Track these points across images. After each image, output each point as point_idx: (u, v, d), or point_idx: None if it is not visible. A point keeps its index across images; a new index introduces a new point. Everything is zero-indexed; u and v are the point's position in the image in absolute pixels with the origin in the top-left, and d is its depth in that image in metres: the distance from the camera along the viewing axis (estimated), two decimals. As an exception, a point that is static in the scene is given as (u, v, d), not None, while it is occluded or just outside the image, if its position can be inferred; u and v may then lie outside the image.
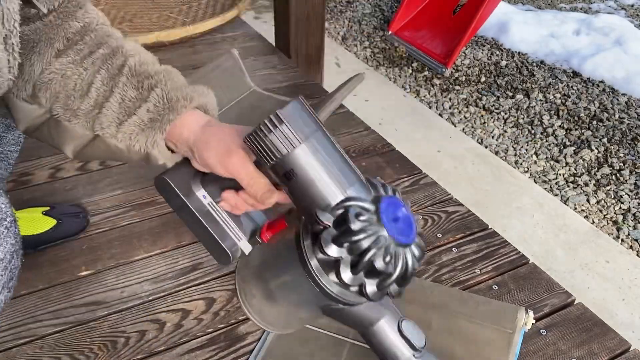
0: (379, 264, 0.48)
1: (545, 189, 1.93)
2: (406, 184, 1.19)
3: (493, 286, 0.94)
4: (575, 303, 0.93)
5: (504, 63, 2.72)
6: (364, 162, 1.25)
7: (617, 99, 2.43)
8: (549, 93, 2.47)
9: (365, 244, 0.47)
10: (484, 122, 2.30)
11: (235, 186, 0.56)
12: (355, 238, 0.47)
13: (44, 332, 0.85)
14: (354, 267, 0.48)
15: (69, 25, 0.58)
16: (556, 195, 1.91)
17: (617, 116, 2.31)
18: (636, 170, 2.02)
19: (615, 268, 1.59)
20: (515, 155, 2.11)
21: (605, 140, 2.17)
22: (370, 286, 0.49)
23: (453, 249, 1.02)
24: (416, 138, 2.15)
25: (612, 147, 2.12)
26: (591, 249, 1.66)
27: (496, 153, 2.12)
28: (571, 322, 0.88)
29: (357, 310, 0.54)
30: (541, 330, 0.87)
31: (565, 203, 1.86)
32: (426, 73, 2.64)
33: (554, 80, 2.57)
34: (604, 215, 1.82)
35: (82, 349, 0.82)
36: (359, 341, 0.81)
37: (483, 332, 0.79)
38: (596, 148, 2.12)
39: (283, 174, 0.51)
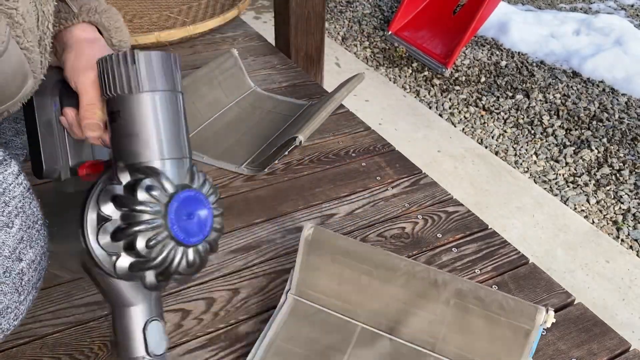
0: (140, 243, 0.44)
1: (545, 189, 1.93)
2: (406, 184, 1.19)
3: (493, 286, 0.94)
4: (575, 303, 0.93)
5: (504, 63, 2.72)
6: (364, 162, 1.25)
7: (617, 99, 2.43)
8: (549, 93, 2.47)
9: (138, 217, 0.44)
10: (484, 122, 2.30)
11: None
12: (132, 206, 0.44)
13: (44, 332, 0.85)
14: (115, 233, 0.45)
15: None
16: (556, 195, 1.91)
17: (617, 116, 2.31)
18: (636, 170, 2.02)
19: (615, 268, 1.59)
20: (515, 155, 2.11)
21: (605, 140, 2.17)
22: (123, 261, 0.46)
23: (453, 249, 1.02)
24: (416, 138, 2.15)
25: (612, 147, 2.12)
26: (591, 249, 1.66)
27: (496, 153, 2.12)
28: (571, 322, 0.88)
29: (113, 283, 0.50)
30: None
31: (565, 203, 1.86)
32: (426, 73, 2.64)
33: (554, 81, 2.57)
34: (604, 215, 1.82)
35: (82, 349, 0.82)
36: (370, 326, 0.81)
37: (500, 329, 0.79)
38: (596, 148, 2.12)
39: (111, 112, 0.49)
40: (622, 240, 1.73)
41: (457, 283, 0.83)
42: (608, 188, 1.94)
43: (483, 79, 2.59)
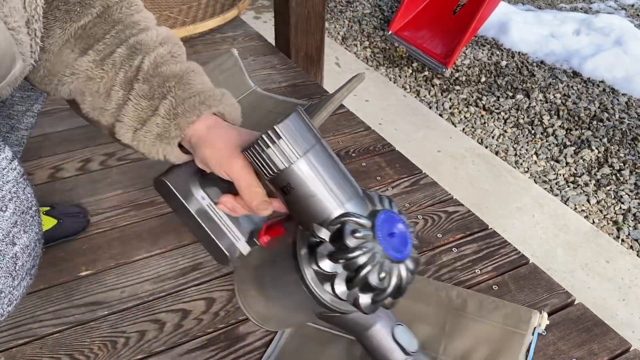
0: (373, 280, 0.48)
1: (545, 189, 1.93)
2: (406, 184, 1.19)
3: (493, 286, 0.94)
4: (575, 303, 0.93)
5: (504, 63, 2.72)
6: (364, 162, 1.25)
7: (617, 99, 2.43)
8: (549, 93, 2.47)
9: (360, 260, 0.48)
10: (484, 122, 2.30)
11: (234, 190, 0.57)
12: (350, 255, 0.48)
13: (44, 332, 0.85)
14: (349, 282, 0.49)
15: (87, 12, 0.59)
16: (556, 195, 1.91)
17: (617, 116, 2.31)
18: (636, 170, 2.02)
19: (615, 268, 1.59)
20: (515, 155, 2.11)
21: (605, 140, 2.17)
22: (364, 299, 0.50)
23: (453, 249, 1.02)
24: (416, 138, 2.15)
25: (612, 147, 2.12)
26: (591, 249, 1.66)
27: (496, 153, 2.12)
28: (571, 322, 0.88)
29: (352, 317, 0.55)
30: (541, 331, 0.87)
31: (565, 203, 1.86)
32: (426, 73, 2.64)
33: (554, 80, 2.57)
34: (604, 215, 1.82)
35: (82, 349, 0.82)
36: None
37: (497, 333, 0.79)
38: (596, 148, 2.12)
39: (280, 188, 0.51)
40: (622, 240, 1.73)
41: (454, 290, 0.83)
42: (608, 188, 1.94)
43: (483, 79, 2.59)
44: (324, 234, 0.49)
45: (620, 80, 2.54)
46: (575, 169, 2.03)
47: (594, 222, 1.79)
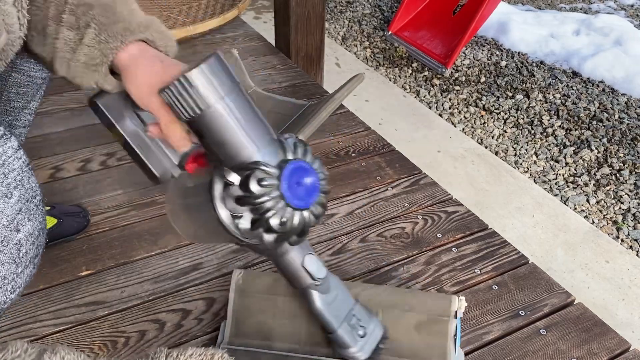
0: (275, 224, 0.53)
1: (545, 189, 1.93)
2: (406, 184, 1.19)
3: (493, 286, 0.95)
4: (575, 303, 0.93)
5: (503, 63, 2.72)
6: (364, 162, 1.25)
7: (617, 99, 2.43)
8: (548, 93, 2.47)
9: (263, 207, 0.52)
10: (484, 122, 2.30)
11: None
12: (255, 201, 0.52)
13: (44, 332, 0.85)
14: (254, 224, 0.54)
15: None
16: (556, 195, 1.91)
17: (617, 116, 2.31)
18: (636, 170, 2.02)
19: (615, 268, 1.60)
20: (515, 155, 2.11)
21: (605, 140, 2.17)
22: (268, 238, 0.55)
23: (453, 249, 1.03)
24: (416, 138, 2.15)
25: (612, 147, 2.12)
26: (591, 249, 1.66)
27: (496, 153, 2.12)
28: (571, 322, 0.89)
29: (265, 247, 0.58)
30: (541, 330, 0.87)
31: (565, 203, 1.86)
32: (426, 73, 2.64)
33: (553, 81, 2.57)
34: (604, 215, 1.82)
35: (82, 349, 0.82)
36: (310, 354, 0.80)
37: (425, 321, 0.81)
38: (596, 148, 2.12)
39: (195, 130, 0.53)
40: (622, 240, 1.73)
41: (381, 289, 0.85)
42: (608, 188, 1.94)
43: (483, 79, 2.59)
44: (234, 178, 0.52)
45: (619, 81, 2.54)
46: (575, 169, 2.03)
47: (593, 222, 1.79)
